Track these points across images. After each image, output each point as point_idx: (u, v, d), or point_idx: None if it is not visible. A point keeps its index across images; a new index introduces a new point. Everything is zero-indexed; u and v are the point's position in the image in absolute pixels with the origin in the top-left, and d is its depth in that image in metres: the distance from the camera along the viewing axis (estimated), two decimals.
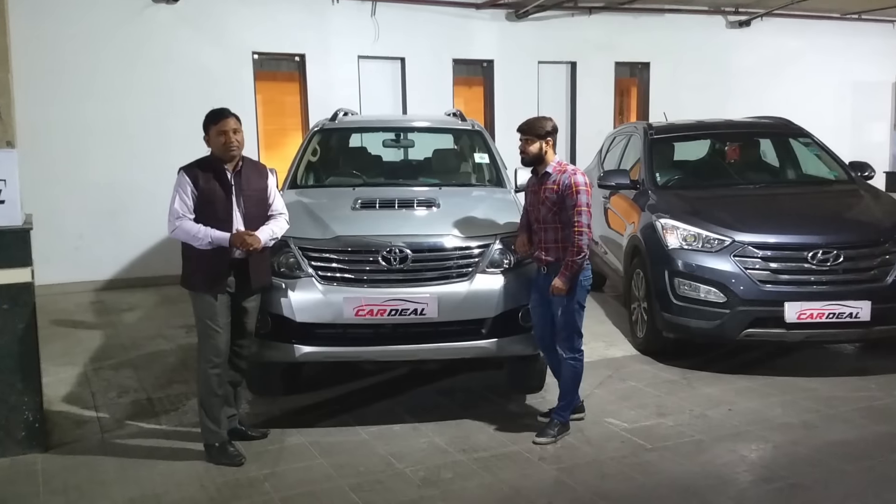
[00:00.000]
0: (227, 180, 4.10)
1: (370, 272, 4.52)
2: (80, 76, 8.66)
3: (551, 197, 4.28)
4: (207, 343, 4.09)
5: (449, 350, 4.57)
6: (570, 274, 4.19)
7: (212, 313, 4.05)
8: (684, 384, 5.28)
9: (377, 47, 10.23)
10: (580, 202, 4.20)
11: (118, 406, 5.08)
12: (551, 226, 4.30)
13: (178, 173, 4.09)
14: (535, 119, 4.42)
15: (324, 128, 6.42)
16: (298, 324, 4.47)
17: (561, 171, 4.32)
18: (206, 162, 4.13)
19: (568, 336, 4.32)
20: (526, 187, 4.64)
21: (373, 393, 5.20)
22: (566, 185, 4.24)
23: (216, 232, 4.01)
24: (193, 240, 4.01)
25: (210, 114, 4.14)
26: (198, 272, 4.07)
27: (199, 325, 4.12)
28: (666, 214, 5.78)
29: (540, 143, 4.34)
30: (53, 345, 6.57)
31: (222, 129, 4.06)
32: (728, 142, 7.26)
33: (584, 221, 4.19)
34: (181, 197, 4.03)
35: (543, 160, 4.36)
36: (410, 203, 5.09)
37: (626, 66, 11.91)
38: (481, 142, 6.32)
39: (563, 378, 4.39)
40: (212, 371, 4.07)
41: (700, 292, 5.36)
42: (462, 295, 4.47)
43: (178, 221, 4.00)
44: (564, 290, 4.20)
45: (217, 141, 4.08)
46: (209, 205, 4.05)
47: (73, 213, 8.79)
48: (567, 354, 4.34)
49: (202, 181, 4.04)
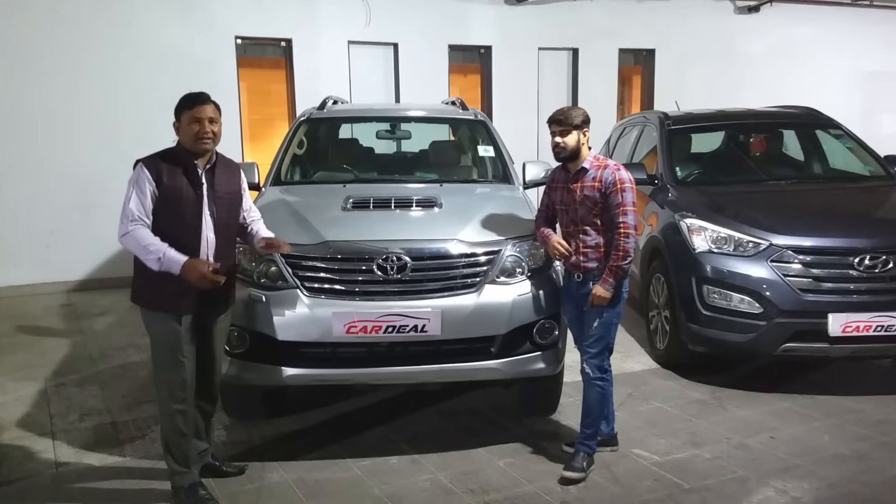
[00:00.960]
0: (198, 178, 3.46)
1: (363, 283, 3.93)
2: (48, 61, 8.01)
3: (592, 195, 3.73)
4: (170, 376, 3.46)
5: (454, 372, 3.99)
6: (614, 281, 3.67)
7: (175, 340, 3.43)
8: (715, 405, 4.73)
9: (369, 32, 9.64)
10: (626, 201, 3.67)
11: (78, 432, 4.48)
12: (591, 228, 3.76)
13: (136, 167, 3.40)
14: (568, 109, 3.85)
15: (311, 117, 5.80)
16: (281, 342, 3.88)
17: (601, 167, 3.77)
18: (171, 155, 3.46)
19: (599, 353, 3.78)
20: (549, 184, 4.05)
21: (366, 416, 4.61)
22: (609, 181, 3.70)
23: (172, 252, 3.31)
24: (143, 252, 3.34)
25: (185, 97, 3.48)
26: (158, 286, 3.39)
27: (159, 354, 3.48)
28: (691, 213, 5.21)
29: (577, 134, 3.77)
30: (15, 356, 5.99)
31: (197, 115, 3.41)
32: (753, 133, 6.69)
33: (631, 222, 3.66)
34: (138, 196, 3.35)
35: (580, 154, 3.80)
36: (408, 202, 4.50)
37: (630, 52, 11.36)
38: (485, 133, 5.73)
39: (590, 402, 3.84)
40: (177, 408, 3.47)
41: (732, 301, 4.80)
42: (469, 309, 3.89)
43: (132, 226, 3.32)
44: (607, 298, 3.67)
45: (189, 130, 3.42)
46: (174, 206, 3.39)
47: (43, 209, 8.19)
48: (595, 374, 3.79)
49: (167, 177, 3.38)
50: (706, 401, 4.79)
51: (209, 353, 3.61)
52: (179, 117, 3.46)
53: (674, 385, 5.06)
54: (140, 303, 3.49)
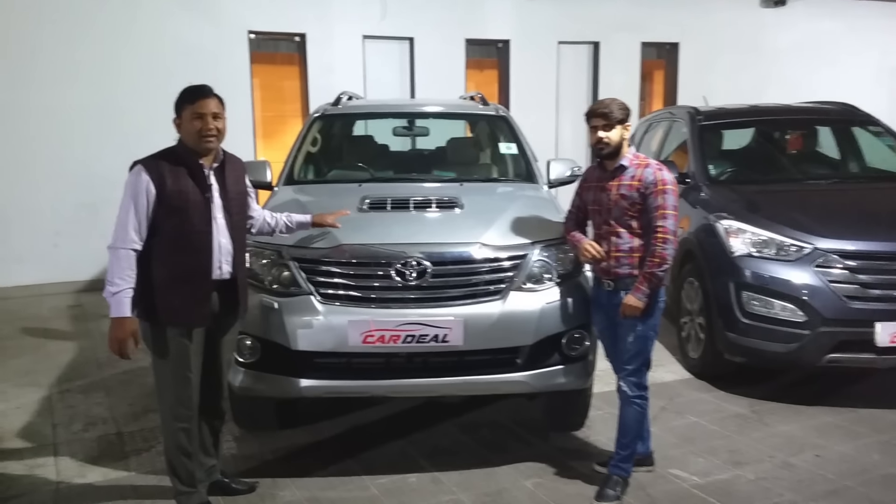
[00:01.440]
0: (205, 179, 3.20)
1: (381, 289, 3.67)
2: (56, 56, 7.80)
3: (630, 196, 3.45)
4: (175, 392, 3.21)
5: (476, 385, 3.73)
6: (648, 289, 3.39)
7: (183, 355, 3.17)
8: (755, 420, 4.44)
9: (384, 27, 9.39)
10: (666, 203, 3.39)
11: (82, 443, 4.26)
12: (626, 231, 3.48)
13: (133, 170, 3.10)
14: (610, 100, 3.54)
15: (325, 114, 5.55)
16: (295, 352, 3.64)
17: (641, 165, 3.49)
18: (173, 155, 3.18)
19: (637, 369, 3.51)
20: (581, 183, 3.78)
21: (382, 429, 4.36)
22: (650, 181, 3.42)
23: (124, 296, 3.03)
24: (110, 274, 3.05)
25: (185, 91, 3.20)
26: (168, 295, 3.13)
27: (163, 369, 3.23)
28: (728, 214, 4.92)
29: (620, 129, 3.49)
30: (19, 360, 5.79)
31: (199, 111, 3.13)
32: (789, 129, 6.38)
33: (670, 227, 3.38)
34: (136, 210, 3.06)
35: (620, 149, 3.52)
36: (428, 203, 4.24)
37: (652, 47, 11.04)
38: (507, 129, 5.44)
39: (626, 422, 3.56)
40: (181, 426, 3.23)
41: (774, 309, 4.51)
42: (493, 317, 3.62)
43: (122, 245, 3.05)
44: (640, 308, 3.39)
45: (190, 126, 3.14)
46: (181, 213, 3.11)
47: (50, 207, 7.99)
48: (633, 392, 3.52)
49: (170, 181, 3.10)
50: (745, 415, 4.51)
51: (216, 366, 3.37)
52: (180, 113, 3.19)
53: (709, 398, 4.78)
54: (145, 317, 3.17)
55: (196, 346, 3.21)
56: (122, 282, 3.05)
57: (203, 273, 3.19)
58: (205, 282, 3.20)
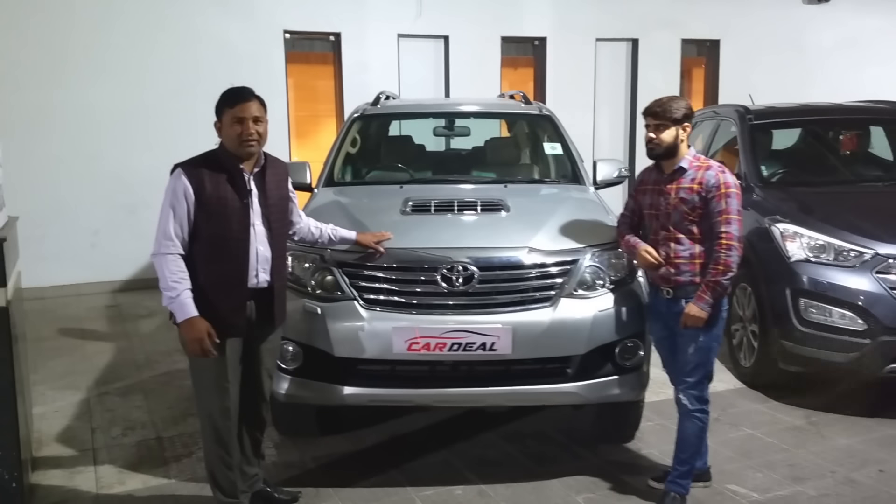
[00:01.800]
0: (245, 185, 3.10)
1: (426, 295, 3.55)
2: (92, 55, 7.81)
3: (690, 199, 3.29)
4: (213, 403, 3.12)
5: (525, 395, 3.60)
6: (711, 298, 3.23)
7: (220, 364, 3.08)
8: (812, 432, 4.26)
9: (419, 25, 9.29)
10: (730, 208, 3.23)
11: (121, 449, 4.21)
12: (686, 237, 3.32)
13: (174, 173, 3.03)
14: (668, 98, 3.39)
15: (365, 114, 5.45)
16: (338, 359, 3.54)
17: (702, 168, 3.33)
18: (214, 159, 3.09)
19: (698, 381, 3.35)
20: (637, 186, 3.63)
21: (425, 437, 4.25)
22: (712, 185, 3.26)
23: (186, 297, 2.96)
24: (163, 280, 2.99)
25: (227, 94, 3.10)
26: (206, 304, 3.00)
27: (201, 379, 3.14)
28: (783, 217, 4.73)
29: (676, 129, 3.33)
30: (57, 361, 5.77)
31: (240, 115, 3.03)
32: (843, 129, 6.16)
33: (735, 233, 3.23)
34: (176, 215, 2.99)
35: (677, 151, 3.36)
36: (473, 206, 4.11)
37: (692, 43, 10.80)
38: (552, 129, 5.30)
39: (685, 436, 3.40)
40: (221, 437, 3.14)
41: (832, 317, 4.33)
42: (543, 325, 3.49)
43: (166, 251, 2.98)
44: (703, 319, 3.24)
45: (232, 131, 3.04)
46: (219, 218, 3.02)
47: (88, 207, 7.99)
48: (693, 406, 3.36)
49: (210, 186, 3.01)
50: (802, 427, 4.33)
51: (256, 375, 3.28)
52: (220, 116, 3.10)
53: (763, 408, 4.60)
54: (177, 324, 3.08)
55: (233, 356, 3.12)
56: (178, 284, 2.97)
57: (238, 281, 3.10)
58: (240, 290, 3.11)
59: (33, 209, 7.69)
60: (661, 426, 4.29)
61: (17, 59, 7.51)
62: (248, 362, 3.23)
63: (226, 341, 3.07)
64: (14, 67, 7.47)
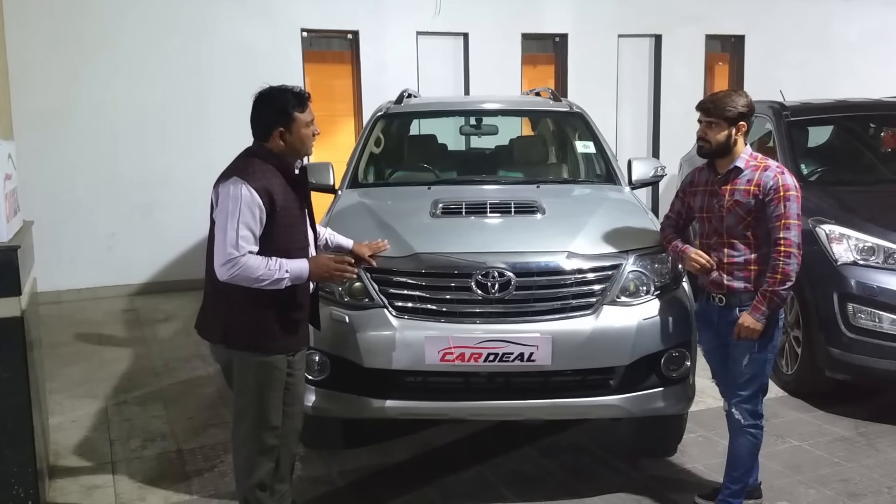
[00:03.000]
0: (305, 191, 2.96)
1: (460, 303, 3.38)
2: (106, 55, 7.66)
3: (746, 202, 3.09)
4: (267, 425, 2.93)
5: (565, 408, 3.41)
6: (768, 309, 3.03)
7: (278, 382, 2.92)
8: (864, 444, 4.05)
9: (438, 22, 9.08)
10: (789, 212, 3.02)
11: (141, 462, 4.05)
12: (741, 241, 3.12)
13: (236, 184, 2.73)
14: (723, 95, 3.17)
15: (388, 112, 5.27)
16: (367, 370, 3.37)
17: (759, 168, 3.12)
18: (270, 165, 2.84)
19: (752, 395, 3.15)
20: (686, 187, 3.42)
21: (456, 451, 4.07)
22: (770, 187, 3.05)
23: (288, 262, 2.80)
24: (257, 281, 2.75)
25: (292, 95, 2.85)
26: (273, 321, 2.84)
27: (258, 401, 2.90)
28: (828, 218, 4.52)
29: (729, 129, 3.12)
30: (74, 368, 5.63)
31: (311, 116, 2.89)
32: (885, 126, 5.93)
33: (794, 239, 3.02)
34: (247, 222, 2.72)
35: (730, 151, 3.15)
36: (507, 207, 3.93)
37: (717, 39, 10.56)
38: (583, 126, 5.11)
39: (739, 453, 3.20)
40: (268, 461, 2.97)
41: (882, 323, 4.13)
42: (585, 334, 3.30)
43: (244, 259, 2.72)
44: (759, 330, 3.04)
45: (307, 132, 2.87)
46: (289, 229, 2.85)
47: (104, 209, 7.85)
48: (747, 420, 3.16)
49: (280, 197, 2.79)
50: (852, 438, 4.12)
51: (296, 388, 3.10)
52: (288, 121, 2.84)
53: (809, 418, 4.39)
54: (246, 346, 2.85)
55: (283, 371, 2.96)
56: (274, 265, 2.76)
57: (304, 291, 2.97)
58: (306, 300, 3.00)
59: (49, 212, 7.59)
60: (705, 438, 4.10)
61: (31, 60, 7.38)
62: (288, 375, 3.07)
63: (294, 356, 2.96)
64: (28, 68, 7.34)
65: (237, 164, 2.88)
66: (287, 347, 2.94)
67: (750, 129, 3.18)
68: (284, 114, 2.84)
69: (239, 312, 2.86)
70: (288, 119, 2.85)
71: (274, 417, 2.96)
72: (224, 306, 2.89)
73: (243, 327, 2.86)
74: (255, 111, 2.91)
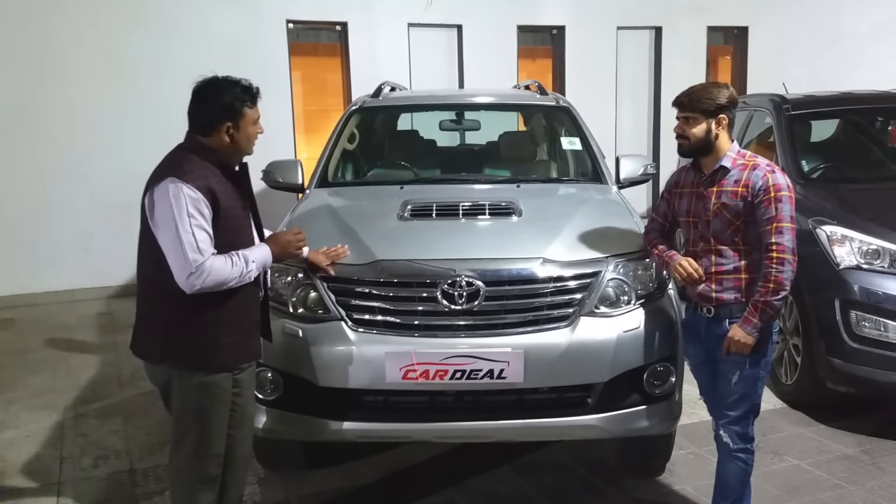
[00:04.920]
0: (248, 190, 2.71)
1: (424, 315, 3.09)
2: (79, 48, 7.39)
3: (733, 205, 2.80)
4: (207, 449, 2.65)
5: (539, 429, 3.12)
6: (760, 321, 2.74)
7: (222, 403, 2.64)
8: (867, 463, 3.75)
9: (430, 13, 8.80)
10: (781, 214, 2.73)
11: (89, 483, 3.78)
12: (729, 247, 2.83)
13: (175, 184, 2.47)
14: (699, 87, 2.88)
15: (363, 106, 4.98)
16: (322, 389, 3.08)
17: (748, 167, 2.82)
18: (208, 162, 2.58)
19: (742, 416, 2.86)
20: (671, 188, 3.13)
21: (428, 470, 3.78)
22: (759, 187, 2.76)
23: (249, 251, 2.61)
24: (229, 279, 2.52)
25: (244, 89, 2.61)
26: (222, 335, 2.59)
27: (195, 423, 2.63)
28: (829, 219, 4.21)
29: (707, 122, 2.82)
30: (37, 377, 5.38)
31: (258, 114, 2.65)
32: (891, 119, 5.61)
33: (787, 244, 2.73)
34: (199, 223, 2.47)
35: (713, 148, 2.85)
36: (480, 209, 3.63)
37: (719, 31, 10.23)
38: (569, 122, 4.81)
39: (727, 479, 2.92)
40: (207, 492, 2.68)
41: (888, 332, 3.82)
42: (560, 349, 3.02)
43: (209, 263, 2.47)
44: (750, 344, 2.75)
45: (254, 131, 2.63)
46: (232, 231, 2.60)
47: (82, 208, 7.59)
48: (736, 444, 2.87)
49: (222, 196, 2.55)
50: (855, 457, 3.81)
51: (244, 409, 2.80)
52: (237, 116, 2.58)
53: (809, 433, 4.09)
54: (192, 366, 2.59)
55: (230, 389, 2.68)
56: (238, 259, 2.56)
57: (254, 298, 2.73)
58: (255, 309, 2.74)
59: (24, 213, 7.37)
60: (696, 456, 3.80)
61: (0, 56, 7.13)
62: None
63: (241, 373, 2.69)
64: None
65: (172, 162, 2.61)
66: (232, 364, 2.66)
67: (732, 122, 2.87)
68: (233, 109, 2.57)
69: (179, 326, 2.59)
70: (237, 115, 2.58)
71: (217, 443, 2.69)
72: (163, 321, 2.62)
73: (184, 343, 2.59)
74: (198, 103, 2.63)
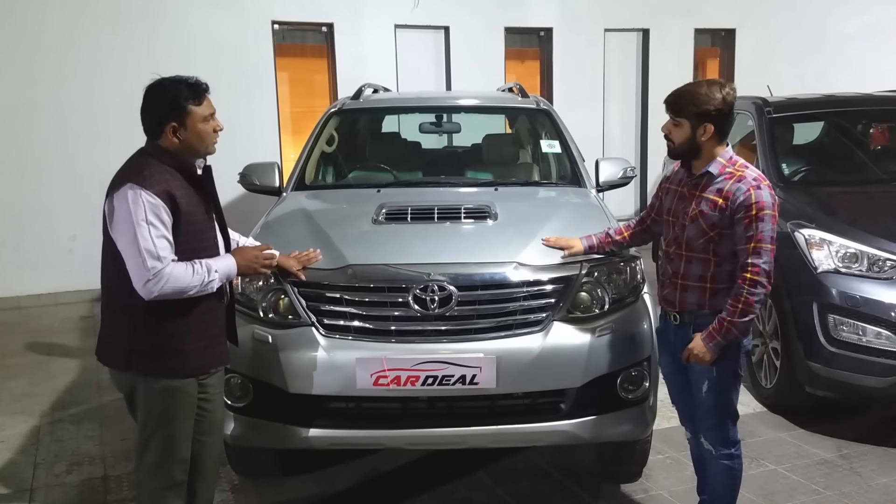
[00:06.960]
0: (211, 192, 2.66)
1: (396, 320, 3.07)
2: (62, 49, 7.33)
3: (710, 215, 2.69)
4: (172, 454, 2.61)
5: (511, 435, 3.10)
6: (723, 340, 2.65)
7: (187, 409, 2.61)
8: (845, 468, 3.73)
9: (417, 15, 8.77)
10: (762, 234, 2.59)
11: (61, 490, 3.74)
12: (699, 256, 2.74)
13: (133, 190, 2.43)
14: (689, 88, 2.73)
15: (343, 108, 4.95)
16: (292, 396, 3.05)
17: (733, 178, 2.68)
18: (167, 165, 2.55)
19: (719, 423, 2.80)
20: (663, 182, 3.05)
21: (404, 476, 3.75)
22: (740, 203, 2.62)
23: (214, 262, 2.58)
24: (189, 288, 2.48)
25: (185, 87, 2.55)
26: (186, 341, 2.56)
27: (159, 429, 2.60)
28: (808, 222, 4.20)
29: (690, 126, 2.70)
30: (16, 381, 5.33)
31: (209, 109, 2.58)
32: (873, 122, 5.60)
33: (764, 266, 2.59)
34: (159, 230, 2.44)
35: (699, 151, 2.75)
36: (456, 212, 3.61)
37: (707, 33, 10.22)
38: (549, 124, 4.79)
39: (716, 486, 2.89)
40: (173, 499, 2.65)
41: (866, 336, 3.80)
42: (532, 354, 2.99)
43: (168, 269, 2.44)
44: (707, 360, 2.69)
45: (205, 128, 2.57)
46: (194, 237, 2.56)
47: (65, 210, 7.52)
48: (718, 450, 2.82)
49: (183, 200, 2.51)
50: (832, 461, 3.79)
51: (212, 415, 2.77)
52: (181, 115, 2.53)
53: (788, 437, 4.07)
54: (148, 369, 2.56)
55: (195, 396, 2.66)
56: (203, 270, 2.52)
57: (218, 301, 2.68)
58: (221, 314, 2.71)
59: (7, 214, 7.32)
60: (673, 460, 3.78)
61: None
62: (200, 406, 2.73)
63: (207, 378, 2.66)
64: None
65: (130, 168, 2.58)
66: (197, 369, 2.63)
67: (725, 127, 2.71)
68: (176, 107, 2.53)
69: (144, 333, 2.56)
70: (181, 113, 2.53)
71: (182, 449, 2.66)
72: (128, 328, 2.59)
73: (149, 349, 2.56)
74: (145, 105, 2.60)
